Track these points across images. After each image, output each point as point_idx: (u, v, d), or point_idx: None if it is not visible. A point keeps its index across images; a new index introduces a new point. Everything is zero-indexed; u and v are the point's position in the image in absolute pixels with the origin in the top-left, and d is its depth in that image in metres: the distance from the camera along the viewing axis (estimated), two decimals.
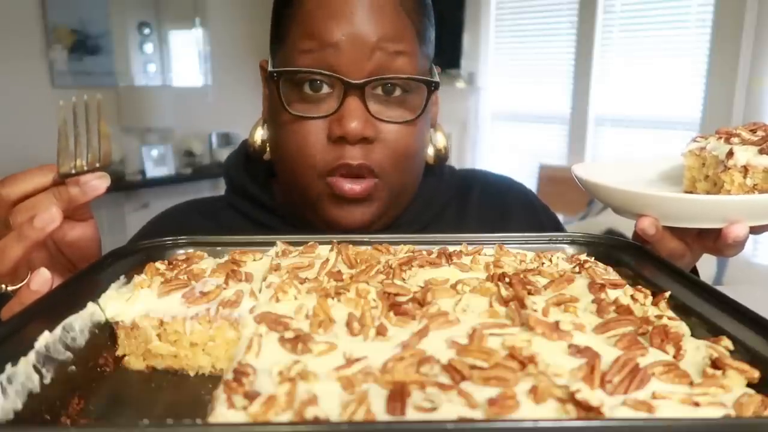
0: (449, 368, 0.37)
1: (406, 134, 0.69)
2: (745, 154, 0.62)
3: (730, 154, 0.62)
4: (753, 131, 0.66)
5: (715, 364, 0.39)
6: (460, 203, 0.85)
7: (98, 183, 0.55)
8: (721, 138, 0.66)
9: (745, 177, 0.62)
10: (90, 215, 0.61)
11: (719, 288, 0.50)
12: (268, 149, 0.77)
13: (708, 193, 0.67)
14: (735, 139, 0.64)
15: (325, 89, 0.67)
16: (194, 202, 0.89)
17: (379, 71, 0.67)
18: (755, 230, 0.62)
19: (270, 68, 0.72)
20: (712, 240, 0.63)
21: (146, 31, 4.08)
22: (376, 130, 0.68)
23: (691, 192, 0.69)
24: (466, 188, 0.87)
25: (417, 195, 0.80)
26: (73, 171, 0.55)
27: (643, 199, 0.62)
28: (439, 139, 0.80)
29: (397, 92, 0.69)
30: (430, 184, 0.82)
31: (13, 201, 0.55)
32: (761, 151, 0.62)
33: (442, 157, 0.80)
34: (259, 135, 0.77)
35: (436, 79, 0.72)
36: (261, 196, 0.80)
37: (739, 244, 0.61)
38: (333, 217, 0.71)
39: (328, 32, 0.64)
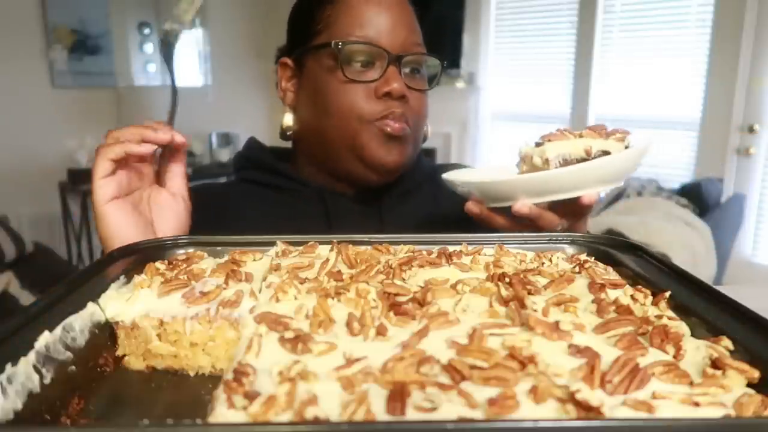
0: (449, 368, 0.37)
1: (423, 101, 0.93)
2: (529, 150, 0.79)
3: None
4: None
5: (715, 364, 0.39)
6: (435, 182, 1.03)
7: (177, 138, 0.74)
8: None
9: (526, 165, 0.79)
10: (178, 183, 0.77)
11: (719, 288, 0.50)
12: (291, 130, 0.95)
13: None
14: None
15: (368, 65, 0.88)
16: (201, 185, 1.03)
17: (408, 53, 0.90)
18: (559, 210, 0.76)
19: (289, 57, 0.94)
20: (511, 218, 0.76)
21: (146, 31, 4.08)
22: (408, 93, 0.89)
23: None
24: (438, 173, 1.06)
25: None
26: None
27: (467, 186, 0.79)
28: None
29: (417, 70, 0.91)
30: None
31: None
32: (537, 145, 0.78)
33: (425, 138, 1.02)
34: (289, 118, 0.96)
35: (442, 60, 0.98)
36: (280, 166, 0.96)
37: (525, 220, 0.74)
38: (379, 155, 0.89)
39: (375, 24, 0.87)
